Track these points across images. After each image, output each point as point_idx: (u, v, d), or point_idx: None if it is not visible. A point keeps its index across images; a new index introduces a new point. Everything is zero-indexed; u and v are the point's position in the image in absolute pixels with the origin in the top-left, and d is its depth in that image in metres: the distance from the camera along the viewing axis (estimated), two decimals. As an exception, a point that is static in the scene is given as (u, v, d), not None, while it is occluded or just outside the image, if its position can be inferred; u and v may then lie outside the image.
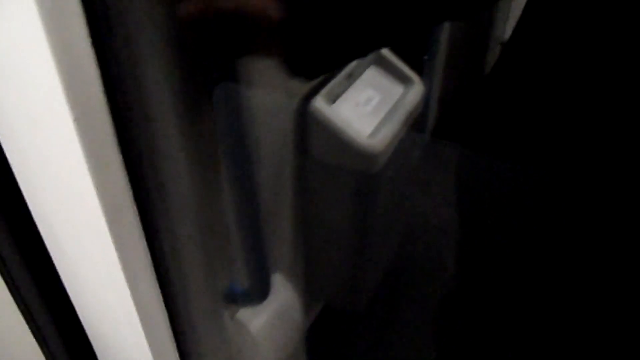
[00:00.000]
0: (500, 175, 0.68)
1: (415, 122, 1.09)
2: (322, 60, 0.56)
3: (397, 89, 1.08)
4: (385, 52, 1.10)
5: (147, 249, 0.52)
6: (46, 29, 0.33)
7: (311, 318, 1.20)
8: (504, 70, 0.69)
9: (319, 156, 0.98)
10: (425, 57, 1.29)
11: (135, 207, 0.46)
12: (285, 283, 1.02)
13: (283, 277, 1.01)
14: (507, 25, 1.75)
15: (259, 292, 0.90)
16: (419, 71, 1.18)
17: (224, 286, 0.88)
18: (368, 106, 1.02)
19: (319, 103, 0.95)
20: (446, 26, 1.43)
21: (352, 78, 1.04)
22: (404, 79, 1.09)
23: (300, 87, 0.94)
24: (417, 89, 1.08)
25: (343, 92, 1.01)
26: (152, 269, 0.53)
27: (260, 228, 0.85)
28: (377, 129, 0.99)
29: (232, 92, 0.58)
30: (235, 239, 0.85)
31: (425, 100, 1.13)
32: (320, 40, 0.54)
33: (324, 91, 0.96)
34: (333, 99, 0.99)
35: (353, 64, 1.04)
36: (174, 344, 0.62)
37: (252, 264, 0.86)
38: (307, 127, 0.96)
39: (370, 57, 1.08)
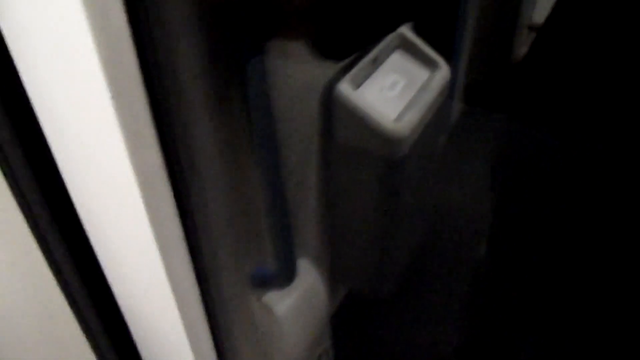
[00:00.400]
0: (537, 148, 0.67)
1: (441, 106, 1.08)
2: (348, 42, 0.56)
3: (422, 73, 1.07)
4: (411, 35, 1.09)
5: (181, 228, 0.53)
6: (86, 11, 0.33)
7: (336, 303, 1.21)
8: (538, 56, 0.68)
9: (344, 141, 0.98)
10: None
11: (169, 186, 0.47)
12: (311, 268, 1.02)
13: (309, 262, 1.02)
14: (535, 9, 1.71)
15: (285, 276, 0.91)
16: (446, 55, 1.16)
17: (251, 269, 0.89)
18: (393, 90, 1.02)
19: (344, 87, 0.94)
20: (473, 7, 1.40)
21: (377, 62, 1.03)
22: (429, 63, 1.08)
23: (327, 71, 0.94)
24: (443, 73, 1.07)
25: (368, 76, 1.01)
26: (186, 246, 0.54)
27: (287, 212, 0.85)
28: (403, 113, 0.99)
29: (261, 74, 0.59)
30: (263, 223, 0.86)
31: (451, 84, 1.12)
32: (346, 21, 0.54)
33: (349, 76, 0.96)
34: (358, 83, 0.98)
35: (378, 47, 1.03)
36: (206, 322, 0.63)
37: (279, 247, 0.87)
38: (333, 111, 0.96)
39: (396, 40, 1.07)
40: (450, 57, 1.43)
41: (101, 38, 0.34)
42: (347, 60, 0.97)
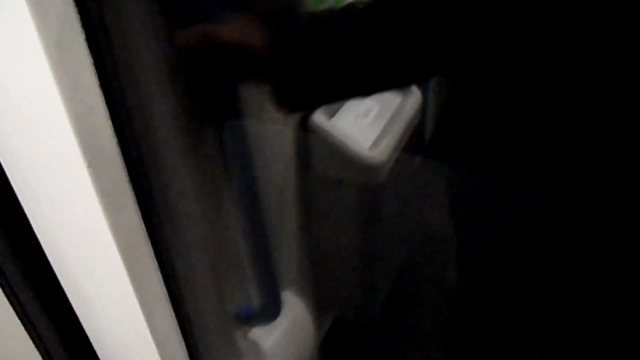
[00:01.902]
0: (494, 188, 0.69)
1: (414, 131, 1.10)
2: (301, 98, 0.58)
3: (395, 99, 1.08)
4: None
5: (160, 277, 0.52)
6: (56, 77, 0.33)
7: (322, 332, 1.20)
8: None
9: (321, 170, 0.98)
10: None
11: (148, 239, 0.47)
12: (296, 299, 1.02)
13: (293, 293, 1.01)
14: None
15: (270, 311, 0.90)
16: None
17: (236, 307, 0.88)
18: (367, 118, 1.03)
19: (319, 117, 0.95)
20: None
21: (349, 91, 1.04)
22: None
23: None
24: (415, 98, 1.09)
25: (341, 105, 1.02)
26: (167, 294, 0.53)
27: (269, 247, 0.85)
28: (378, 140, 1.00)
29: (239, 133, 0.59)
30: (244, 259, 0.85)
31: (423, 106, 1.14)
32: (299, 78, 0.56)
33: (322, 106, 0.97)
34: (332, 112, 0.99)
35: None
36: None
37: (262, 283, 0.86)
38: (308, 141, 0.96)
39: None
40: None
41: (74, 106, 0.34)
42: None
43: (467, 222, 0.80)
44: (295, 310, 1.01)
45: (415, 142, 1.12)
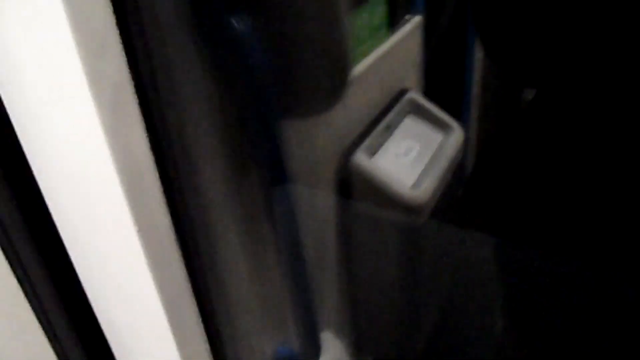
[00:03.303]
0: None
1: (457, 169, 1.08)
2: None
3: (436, 137, 1.07)
4: (421, 99, 1.10)
5: (198, 315, 0.51)
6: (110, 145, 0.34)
7: (361, 373, 1.17)
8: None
9: (362, 210, 0.97)
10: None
11: (185, 272, 0.46)
12: (334, 340, 1.00)
13: (331, 334, 0.99)
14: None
15: (310, 353, 0.89)
16: (455, 112, 1.17)
17: (275, 350, 0.87)
18: (409, 156, 1.02)
19: (360, 157, 0.95)
20: (478, 66, 1.42)
21: (390, 129, 1.04)
22: (442, 126, 1.09)
23: (342, 140, 0.95)
24: (456, 135, 1.07)
25: (382, 143, 1.01)
26: (204, 333, 0.53)
27: (309, 288, 0.84)
28: (420, 179, 0.98)
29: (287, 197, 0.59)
30: (284, 300, 0.84)
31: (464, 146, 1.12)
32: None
33: (364, 145, 0.96)
34: (373, 151, 0.99)
35: (391, 114, 1.04)
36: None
37: (302, 325, 0.85)
38: (350, 181, 0.96)
39: (407, 106, 1.08)
40: (459, 112, 1.44)
41: (124, 167, 0.35)
42: (360, 129, 0.98)
43: (514, 269, 0.77)
44: (334, 352, 0.99)
45: (457, 181, 1.10)
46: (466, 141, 1.16)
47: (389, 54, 1.03)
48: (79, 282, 0.45)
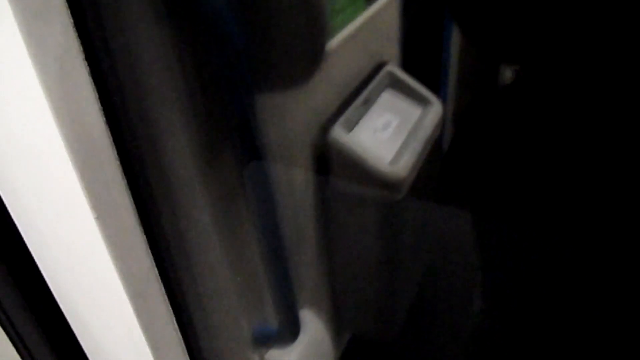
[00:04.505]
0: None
1: (435, 144, 1.07)
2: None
3: (415, 111, 1.05)
4: (400, 73, 1.08)
5: (168, 301, 0.49)
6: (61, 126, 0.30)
7: (340, 349, 1.17)
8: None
9: (341, 186, 0.96)
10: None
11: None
12: (313, 317, 0.99)
13: (310, 311, 0.99)
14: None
15: (289, 332, 0.88)
16: (433, 85, 1.15)
17: (254, 329, 0.85)
18: (387, 131, 1.00)
19: (337, 132, 0.92)
20: (456, 41, 1.40)
21: (368, 103, 1.02)
22: (421, 100, 1.07)
23: (318, 116, 0.92)
24: (435, 109, 1.06)
25: (360, 118, 0.99)
26: (174, 318, 0.50)
27: (287, 266, 0.82)
28: (399, 154, 0.97)
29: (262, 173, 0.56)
30: (262, 279, 0.82)
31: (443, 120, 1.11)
32: None
33: (341, 119, 0.94)
34: (351, 126, 0.96)
35: (368, 88, 1.02)
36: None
37: (280, 303, 0.84)
38: (327, 156, 0.94)
39: (385, 79, 1.06)
40: (437, 86, 1.43)
41: (80, 150, 0.32)
42: (337, 103, 0.96)
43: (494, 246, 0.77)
44: (313, 328, 0.98)
45: (436, 155, 1.09)
46: (444, 116, 1.14)
47: (367, 25, 1.00)
48: (41, 276, 0.42)
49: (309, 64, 0.65)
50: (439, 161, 1.27)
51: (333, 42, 0.89)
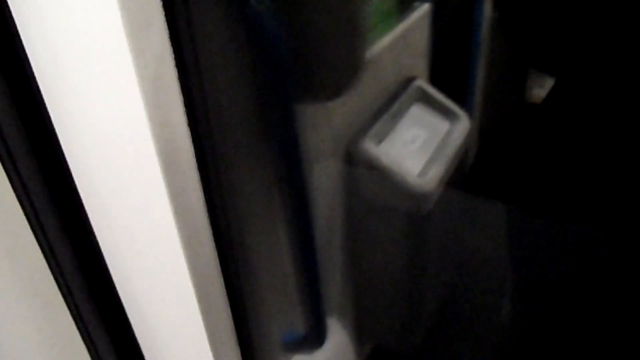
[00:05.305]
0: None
1: (463, 157, 1.08)
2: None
3: (443, 125, 1.07)
4: (428, 87, 1.10)
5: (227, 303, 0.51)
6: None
7: (363, 358, 1.18)
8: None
9: (369, 197, 0.98)
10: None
11: (219, 268, 0.46)
12: (338, 325, 1.00)
13: (335, 319, 1.00)
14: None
15: (316, 338, 0.89)
16: (459, 100, 1.17)
17: (281, 334, 0.87)
18: (415, 144, 1.02)
19: (368, 143, 0.95)
20: (484, 51, 1.42)
21: (397, 117, 1.04)
22: (449, 114, 1.09)
23: (349, 129, 0.94)
24: (463, 124, 1.08)
25: (390, 131, 1.01)
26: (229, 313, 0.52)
27: (318, 274, 0.84)
28: (426, 167, 0.99)
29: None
30: (292, 285, 0.84)
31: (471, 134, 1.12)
32: None
33: (371, 132, 0.96)
34: (380, 139, 0.99)
35: (397, 102, 1.04)
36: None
37: (310, 310, 0.86)
38: (356, 168, 0.96)
39: (414, 94, 1.08)
40: (463, 101, 1.44)
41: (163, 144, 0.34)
42: (368, 116, 0.98)
43: (525, 256, 0.78)
44: (337, 337, 0.99)
45: (462, 169, 1.10)
46: (471, 130, 1.16)
47: (398, 41, 1.02)
48: (105, 263, 0.45)
49: (347, 77, 0.68)
50: (465, 174, 1.28)
51: (365, 57, 0.92)
